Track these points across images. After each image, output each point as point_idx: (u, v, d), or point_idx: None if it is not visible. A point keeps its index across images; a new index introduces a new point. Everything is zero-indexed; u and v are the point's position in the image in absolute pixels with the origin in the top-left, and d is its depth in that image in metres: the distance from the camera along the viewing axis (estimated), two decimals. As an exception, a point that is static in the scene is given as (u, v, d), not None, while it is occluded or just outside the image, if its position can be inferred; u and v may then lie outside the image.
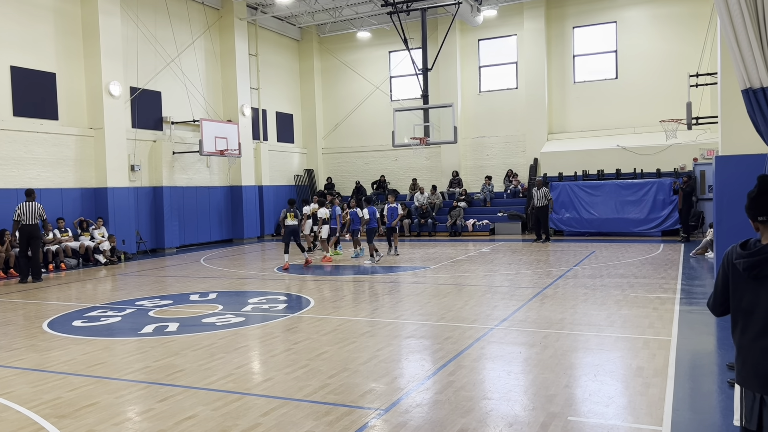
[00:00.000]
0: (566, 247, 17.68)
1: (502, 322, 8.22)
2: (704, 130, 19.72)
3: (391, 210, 17.14)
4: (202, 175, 21.81)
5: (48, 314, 9.83)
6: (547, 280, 11.65)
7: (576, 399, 5.27)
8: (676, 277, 11.53)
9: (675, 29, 22.03)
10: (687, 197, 18.27)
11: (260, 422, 4.89)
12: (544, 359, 6.44)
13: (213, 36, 22.65)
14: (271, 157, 25.18)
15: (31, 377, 6.36)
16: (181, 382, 6.04)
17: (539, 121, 23.73)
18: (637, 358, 6.41)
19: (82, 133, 17.64)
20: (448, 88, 24.93)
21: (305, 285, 12.19)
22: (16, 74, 16.02)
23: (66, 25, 17.41)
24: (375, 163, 27.17)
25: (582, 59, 23.75)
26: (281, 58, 26.56)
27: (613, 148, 21.71)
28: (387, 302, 10.09)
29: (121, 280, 13.86)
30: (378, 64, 26.85)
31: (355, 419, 4.91)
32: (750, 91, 7.51)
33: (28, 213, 13.62)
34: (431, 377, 5.96)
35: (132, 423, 5.01)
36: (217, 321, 8.91)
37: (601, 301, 9.52)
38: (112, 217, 17.90)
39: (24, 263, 13.84)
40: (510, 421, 4.78)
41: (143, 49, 19.60)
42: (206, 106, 22.12)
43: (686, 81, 16.92)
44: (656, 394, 5.27)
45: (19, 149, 16.01)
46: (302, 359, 6.71)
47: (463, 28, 25.01)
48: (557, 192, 20.89)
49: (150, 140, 19.85)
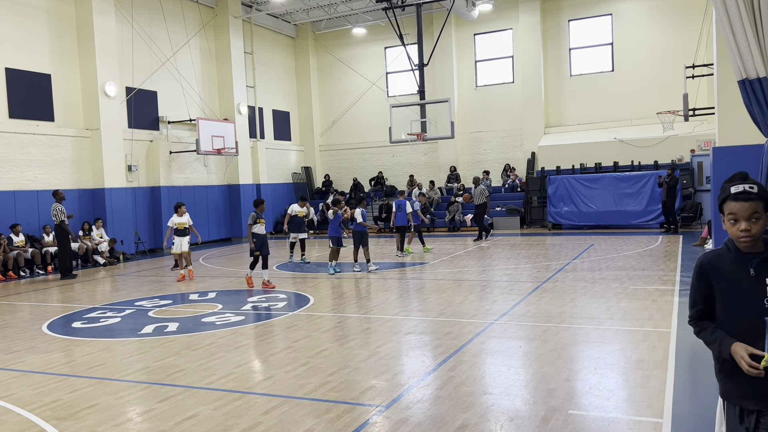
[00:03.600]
0: (565, 240, 17.69)
1: (502, 317, 8.22)
2: (701, 121, 19.73)
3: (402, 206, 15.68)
4: (199, 175, 21.77)
5: (47, 316, 9.82)
6: (546, 274, 11.65)
7: (576, 392, 5.28)
8: (675, 269, 11.54)
9: (670, 21, 22.01)
10: (671, 190, 18.32)
11: (261, 421, 4.89)
12: (544, 353, 6.44)
13: (208, 34, 22.59)
14: (268, 155, 25.15)
15: (31, 379, 6.35)
16: (181, 382, 6.03)
17: (536, 115, 23.73)
18: (637, 350, 6.41)
19: (79, 134, 17.60)
20: (445, 83, 24.91)
21: (304, 283, 12.19)
22: (11, 76, 15.96)
23: (60, 26, 17.34)
24: (372, 159, 27.15)
25: (578, 52, 23.73)
26: (277, 56, 26.51)
27: (610, 141, 21.72)
28: (386, 299, 10.09)
29: (120, 281, 13.85)
30: (374, 60, 26.81)
31: (356, 416, 4.90)
32: (746, 82, 7.51)
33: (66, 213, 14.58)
34: (431, 373, 5.96)
35: (133, 424, 5.00)
36: (217, 320, 8.90)
37: (600, 294, 9.52)
38: (110, 218, 17.87)
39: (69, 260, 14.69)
40: (511, 416, 4.79)
41: (138, 49, 19.55)
42: (202, 105, 22.08)
43: (682, 72, 16.90)
44: (656, 387, 5.27)
45: (15, 151, 15.97)
46: (302, 357, 6.70)
47: (458, 23, 24.96)
48: (555, 186, 20.89)
49: (147, 140, 19.81)
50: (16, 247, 15.12)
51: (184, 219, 13.18)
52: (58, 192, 14.55)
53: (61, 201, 14.43)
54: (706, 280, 2.72)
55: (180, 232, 13.09)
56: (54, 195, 14.52)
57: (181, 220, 13.13)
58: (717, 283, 2.68)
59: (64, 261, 14.44)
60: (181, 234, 13.10)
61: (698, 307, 2.78)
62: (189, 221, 13.29)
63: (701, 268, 2.73)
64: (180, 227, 13.08)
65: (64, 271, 14.41)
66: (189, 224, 13.26)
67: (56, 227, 14.41)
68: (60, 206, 14.27)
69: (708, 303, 2.74)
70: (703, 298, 2.75)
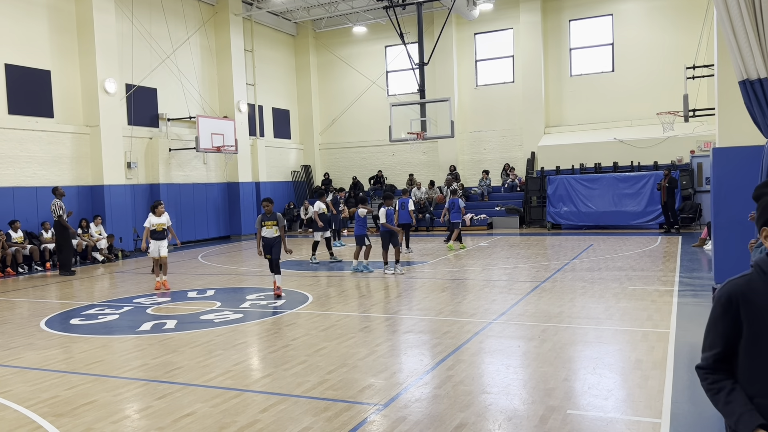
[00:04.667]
0: (564, 240, 17.68)
1: (501, 316, 8.21)
2: (701, 122, 19.73)
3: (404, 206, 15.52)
4: (198, 172, 21.75)
5: (45, 312, 9.80)
6: (545, 274, 11.64)
7: (575, 392, 5.27)
8: (674, 270, 11.54)
9: (671, 21, 22.00)
10: (670, 192, 18.36)
11: (259, 419, 4.88)
12: (542, 353, 6.44)
13: (208, 32, 22.56)
14: (267, 153, 25.13)
15: (28, 376, 6.34)
16: (179, 379, 6.02)
17: (536, 114, 23.72)
18: (635, 350, 6.41)
19: (78, 130, 17.57)
20: (445, 82, 24.89)
21: (303, 281, 12.17)
22: (10, 72, 15.93)
23: (60, 22, 17.31)
24: (372, 158, 27.14)
25: (578, 52, 23.72)
26: (277, 54, 26.48)
27: (610, 141, 21.71)
28: (385, 297, 10.08)
29: (119, 278, 13.83)
30: (374, 59, 26.79)
31: (354, 415, 4.90)
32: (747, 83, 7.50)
33: (65, 209, 14.50)
34: (430, 372, 5.95)
35: (130, 421, 4.99)
36: (215, 318, 8.89)
37: (599, 294, 9.51)
38: (109, 215, 17.85)
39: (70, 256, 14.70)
40: (509, 415, 4.78)
41: (138, 46, 19.52)
42: (202, 103, 22.05)
43: (683, 73, 16.90)
44: (655, 387, 5.26)
45: (14, 147, 15.95)
46: (301, 355, 6.70)
47: (459, 22, 24.95)
48: (555, 186, 20.88)
49: (146, 137, 19.79)
50: (15, 244, 15.10)
51: (163, 219, 11.74)
52: (57, 189, 14.56)
53: (61, 197, 14.44)
54: (733, 316, 2.06)
55: (157, 235, 11.70)
56: (53, 192, 14.52)
57: (159, 220, 11.70)
58: (749, 320, 2.02)
59: (66, 256, 14.45)
60: (159, 237, 11.71)
61: (716, 350, 2.11)
62: (168, 222, 11.87)
63: (729, 299, 2.07)
64: (158, 228, 11.69)
65: (65, 267, 14.38)
66: (168, 225, 11.85)
67: (55, 223, 14.41)
68: (59, 202, 14.27)
69: (730, 346, 2.08)
70: (725, 339, 2.08)
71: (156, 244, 11.67)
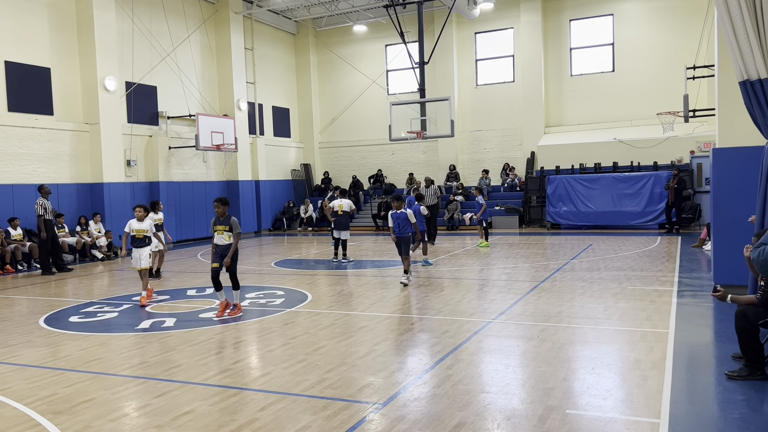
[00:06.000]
0: (563, 240, 17.69)
1: (500, 316, 8.21)
2: (701, 122, 19.72)
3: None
4: (198, 170, 21.74)
5: (44, 310, 9.80)
6: (545, 274, 11.64)
7: (574, 392, 5.27)
8: (673, 270, 11.54)
9: (672, 21, 22.00)
10: (678, 192, 18.37)
11: (258, 417, 4.88)
12: (541, 352, 6.44)
13: (208, 30, 22.54)
14: (267, 151, 25.12)
15: (27, 373, 6.34)
16: (178, 377, 6.02)
17: (536, 114, 23.71)
18: (634, 350, 6.41)
19: (78, 128, 17.56)
20: (445, 81, 24.88)
21: (302, 280, 12.17)
22: (10, 69, 15.92)
23: (60, 20, 17.30)
24: (372, 157, 27.13)
25: (579, 52, 23.71)
26: (277, 53, 26.47)
27: (610, 141, 21.71)
28: (384, 296, 10.08)
29: (118, 276, 13.82)
30: (374, 58, 26.77)
31: (352, 413, 4.89)
32: (747, 83, 7.49)
33: (49, 209, 14.24)
34: (429, 371, 5.95)
35: (129, 419, 4.99)
36: (214, 316, 8.88)
37: (598, 294, 9.52)
38: (109, 213, 17.84)
39: (46, 257, 14.33)
40: (508, 415, 4.78)
41: (138, 44, 19.50)
42: (202, 101, 22.04)
43: (683, 73, 16.89)
44: (654, 387, 5.26)
45: (14, 145, 15.93)
46: (300, 354, 6.69)
47: (459, 21, 24.93)
48: (554, 185, 20.88)
49: (146, 135, 19.77)
50: (14, 241, 15.08)
51: (145, 225, 10.02)
52: (43, 186, 14.34)
53: (47, 196, 14.21)
54: None
55: (138, 242, 9.98)
56: (39, 189, 14.30)
57: (140, 226, 9.99)
58: None
59: (41, 256, 14.27)
60: (139, 244, 9.97)
61: None
62: (151, 228, 10.16)
63: None
64: (138, 235, 9.97)
65: (44, 267, 14.19)
66: (151, 232, 10.17)
67: (38, 222, 14.10)
68: (43, 201, 14.02)
69: None
70: None
71: (137, 253, 9.98)
